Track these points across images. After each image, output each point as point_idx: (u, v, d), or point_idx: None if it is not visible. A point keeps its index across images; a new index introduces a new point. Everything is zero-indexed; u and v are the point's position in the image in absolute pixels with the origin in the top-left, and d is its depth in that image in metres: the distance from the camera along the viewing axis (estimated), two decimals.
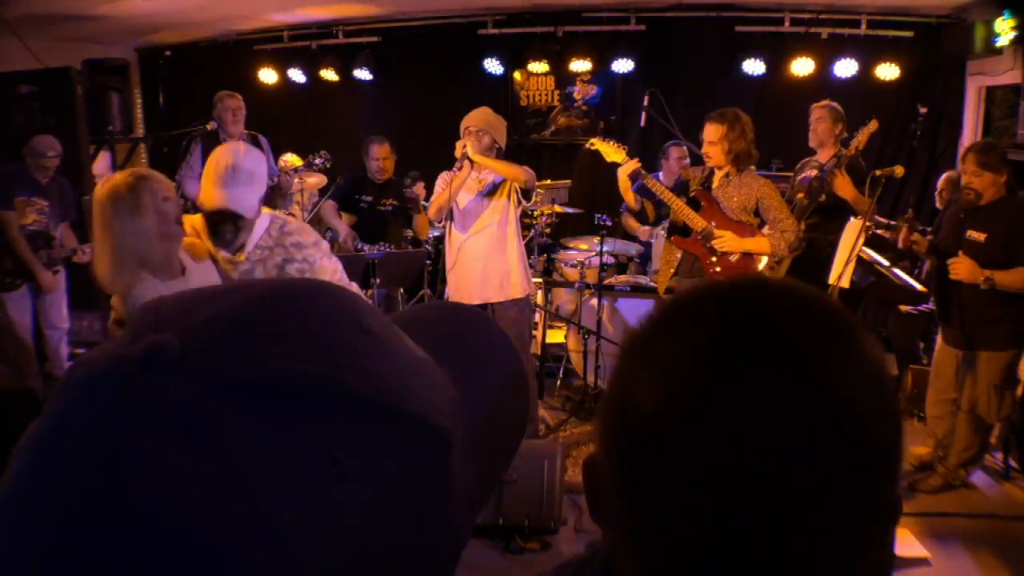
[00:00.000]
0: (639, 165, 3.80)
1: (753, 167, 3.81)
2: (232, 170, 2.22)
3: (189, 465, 0.31)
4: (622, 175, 3.82)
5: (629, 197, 3.93)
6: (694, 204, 3.75)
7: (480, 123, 3.82)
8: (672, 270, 3.88)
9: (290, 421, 0.33)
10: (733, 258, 3.69)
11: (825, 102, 4.38)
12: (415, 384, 0.38)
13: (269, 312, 0.37)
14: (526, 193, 3.89)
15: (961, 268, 3.35)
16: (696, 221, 3.71)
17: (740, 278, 0.54)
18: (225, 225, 2.26)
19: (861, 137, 4.15)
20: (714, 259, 3.71)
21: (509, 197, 3.89)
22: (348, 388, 0.35)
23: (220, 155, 2.30)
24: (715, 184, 3.74)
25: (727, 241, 3.65)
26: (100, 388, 0.33)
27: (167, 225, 2.12)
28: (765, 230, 3.73)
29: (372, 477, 0.34)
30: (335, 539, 0.33)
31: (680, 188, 3.88)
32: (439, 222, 4.04)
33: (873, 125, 4.14)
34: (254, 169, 2.27)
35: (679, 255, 3.85)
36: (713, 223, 3.69)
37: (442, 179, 3.91)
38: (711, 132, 3.63)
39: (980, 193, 3.40)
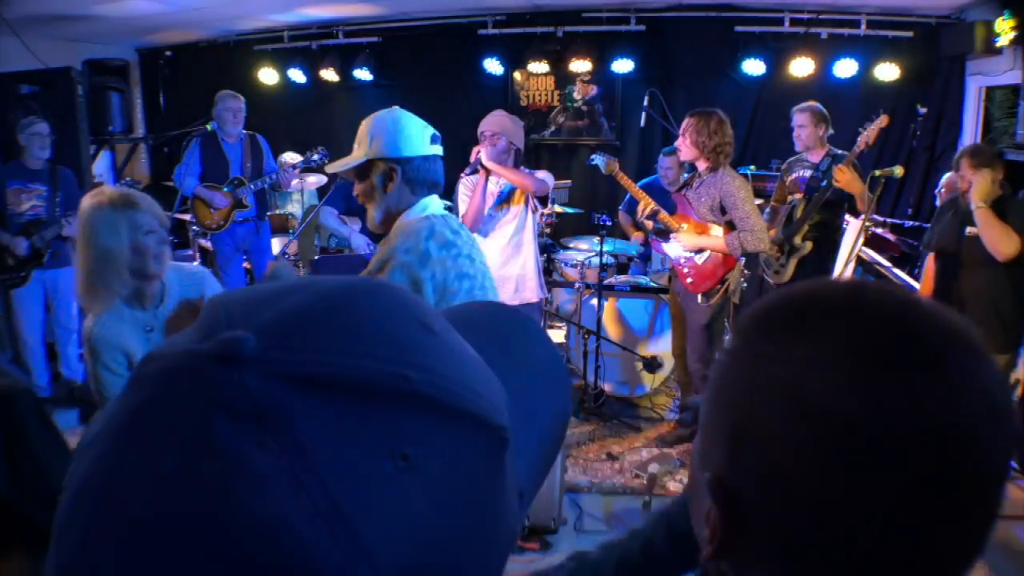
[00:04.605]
0: (652, 204, 3.87)
1: (741, 169, 3.87)
2: None
3: (269, 460, 0.31)
4: (624, 180, 3.92)
5: (640, 195, 3.96)
6: (671, 206, 3.83)
7: (494, 126, 3.79)
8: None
9: (362, 417, 0.34)
10: (699, 260, 3.75)
11: (805, 105, 4.35)
12: (475, 383, 0.40)
13: (337, 309, 0.38)
14: (543, 199, 3.89)
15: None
16: (667, 221, 3.81)
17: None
18: None
19: (871, 132, 4.09)
20: (683, 260, 3.80)
21: (526, 202, 3.88)
22: (416, 386, 0.36)
23: None
24: (692, 186, 3.83)
25: (684, 236, 3.73)
26: (177, 383, 0.33)
27: (142, 261, 1.97)
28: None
29: (438, 473, 0.35)
30: (404, 533, 0.33)
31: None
32: (474, 230, 4.03)
33: (884, 120, 4.09)
34: None
35: None
36: (684, 225, 3.76)
37: (464, 185, 3.87)
38: (683, 125, 3.72)
39: None
